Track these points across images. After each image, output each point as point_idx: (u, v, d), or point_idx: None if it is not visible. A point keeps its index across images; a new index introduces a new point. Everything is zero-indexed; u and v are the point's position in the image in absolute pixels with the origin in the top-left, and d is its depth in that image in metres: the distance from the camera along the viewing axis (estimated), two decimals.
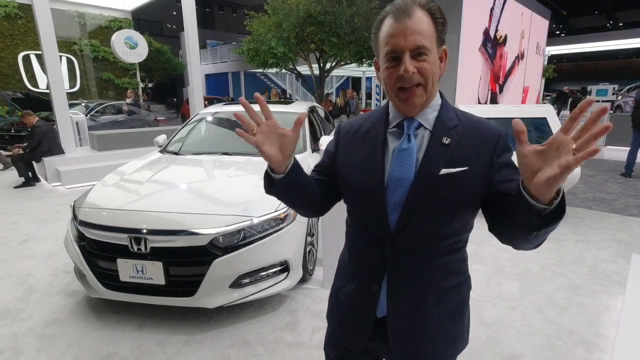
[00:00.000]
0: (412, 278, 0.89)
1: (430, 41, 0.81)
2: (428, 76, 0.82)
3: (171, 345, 2.15)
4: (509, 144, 0.87)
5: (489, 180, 0.83)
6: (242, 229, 2.23)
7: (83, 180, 5.99)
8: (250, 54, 11.05)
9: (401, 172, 0.86)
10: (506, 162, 0.85)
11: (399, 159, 0.87)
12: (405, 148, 0.87)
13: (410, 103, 0.85)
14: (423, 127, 0.88)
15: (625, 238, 3.58)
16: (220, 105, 4.37)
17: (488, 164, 0.84)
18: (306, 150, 3.35)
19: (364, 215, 0.93)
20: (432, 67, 0.82)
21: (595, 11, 25.13)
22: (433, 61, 0.82)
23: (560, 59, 25.75)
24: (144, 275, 2.16)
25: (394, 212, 0.86)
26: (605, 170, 6.51)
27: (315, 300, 2.60)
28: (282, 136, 0.88)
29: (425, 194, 0.84)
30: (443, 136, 0.86)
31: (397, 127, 0.90)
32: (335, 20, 9.41)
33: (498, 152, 0.85)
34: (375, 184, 0.88)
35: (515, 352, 2.07)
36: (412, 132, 0.88)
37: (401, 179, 0.86)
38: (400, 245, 0.87)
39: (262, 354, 2.08)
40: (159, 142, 3.75)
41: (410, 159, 0.86)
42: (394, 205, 0.86)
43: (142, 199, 2.43)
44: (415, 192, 0.84)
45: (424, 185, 0.83)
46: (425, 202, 0.84)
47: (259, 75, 24.22)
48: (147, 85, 21.06)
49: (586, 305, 2.51)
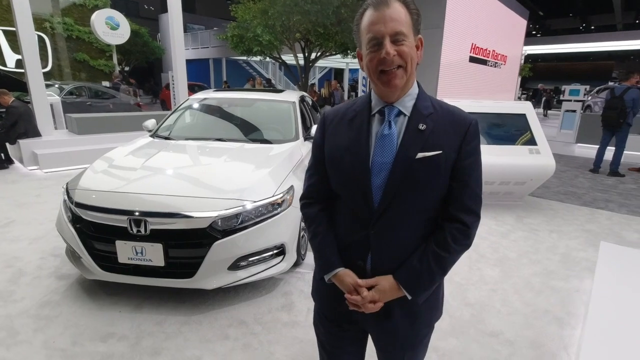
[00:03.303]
0: (394, 253, 0.98)
1: (407, 28, 0.88)
2: (407, 58, 0.89)
3: (170, 325, 2.19)
4: (478, 133, 0.97)
5: (454, 163, 0.93)
6: (240, 212, 2.28)
7: (62, 164, 5.81)
8: (234, 41, 10.85)
9: (383, 157, 0.93)
10: (472, 149, 0.95)
11: (380, 144, 0.94)
12: (386, 134, 0.94)
13: (392, 85, 0.90)
14: (403, 115, 0.95)
15: (594, 229, 3.86)
16: (210, 92, 4.35)
17: (457, 148, 0.93)
18: (299, 139, 3.40)
19: (350, 197, 0.99)
20: (410, 50, 0.89)
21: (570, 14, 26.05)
22: (411, 46, 0.89)
23: (535, 59, 26.61)
24: (144, 257, 2.18)
25: (377, 194, 0.94)
26: (576, 166, 6.89)
27: (308, 284, 2.69)
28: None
29: (404, 176, 0.92)
30: (419, 123, 0.93)
31: (378, 113, 0.97)
32: (322, 10, 9.36)
33: (468, 139, 0.94)
34: (361, 167, 0.94)
35: (497, 329, 2.24)
36: (392, 119, 0.95)
37: (383, 162, 0.93)
38: (383, 223, 0.95)
39: (260, 333, 2.16)
40: (149, 126, 3.70)
41: (391, 145, 0.93)
42: (377, 187, 0.94)
43: (140, 182, 2.43)
44: (395, 175, 0.92)
45: (403, 168, 0.91)
46: (405, 183, 0.92)
47: (241, 63, 23.81)
48: (124, 68, 20.32)
49: (559, 288, 2.73)
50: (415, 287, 0.96)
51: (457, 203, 0.95)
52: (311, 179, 1.10)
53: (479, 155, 0.97)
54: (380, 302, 0.97)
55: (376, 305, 0.97)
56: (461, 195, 0.95)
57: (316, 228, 1.07)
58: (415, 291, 0.97)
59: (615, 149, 6.08)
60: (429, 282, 0.97)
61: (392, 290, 0.97)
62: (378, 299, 0.96)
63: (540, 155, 4.11)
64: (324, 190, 1.07)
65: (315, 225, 1.08)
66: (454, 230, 0.95)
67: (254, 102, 3.94)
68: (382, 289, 0.96)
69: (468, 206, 0.96)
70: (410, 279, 0.96)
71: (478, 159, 0.97)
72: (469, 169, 0.95)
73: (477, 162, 0.97)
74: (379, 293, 0.96)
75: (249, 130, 3.53)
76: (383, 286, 0.96)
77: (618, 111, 5.85)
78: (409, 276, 0.96)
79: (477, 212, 0.98)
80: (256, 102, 3.95)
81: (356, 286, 0.98)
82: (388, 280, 0.97)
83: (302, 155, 3.17)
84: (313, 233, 1.07)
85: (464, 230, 0.96)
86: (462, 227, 0.96)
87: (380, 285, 0.97)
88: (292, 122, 3.58)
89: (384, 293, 0.97)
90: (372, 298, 0.96)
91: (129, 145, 3.19)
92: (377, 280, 0.97)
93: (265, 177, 2.56)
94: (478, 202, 0.98)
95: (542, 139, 4.25)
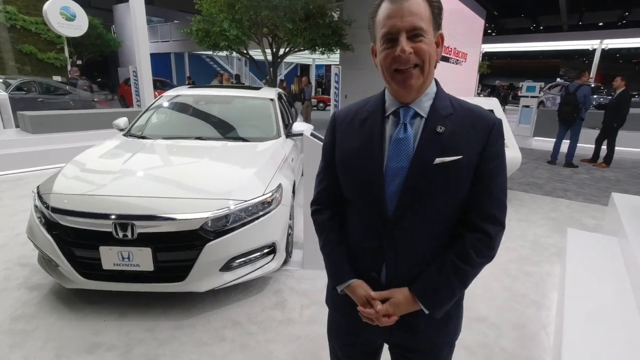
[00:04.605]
0: (410, 264, 0.91)
1: (427, 23, 0.81)
2: (425, 57, 0.81)
3: (162, 331, 2.12)
4: (503, 134, 0.89)
5: (477, 167, 0.86)
6: (231, 213, 2.23)
7: (14, 166, 5.37)
8: (200, 35, 10.51)
9: (398, 162, 0.86)
10: (496, 152, 0.87)
11: (395, 148, 0.87)
12: (401, 138, 0.87)
13: (407, 85, 0.83)
14: (419, 116, 0.88)
15: (557, 216, 4.16)
16: (185, 88, 4.20)
17: (480, 152, 0.86)
18: (280, 137, 3.37)
19: (362, 204, 0.93)
20: (429, 48, 0.82)
21: (521, 14, 27.59)
22: (430, 43, 0.82)
23: (492, 56, 27.99)
24: (131, 262, 2.09)
25: (392, 201, 0.87)
26: (535, 158, 7.36)
27: (298, 281, 2.70)
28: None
29: (420, 183, 0.84)
30: (437, 125, 0.86)
31: (393, 114, 0.90)
32: (290, 6, 9.30)
33: (492, 142, 0.86)
34: (374, 173, 0.88)
35: (483, 314, 2.37)
36: (408, 121, 0.87)
37: (398, 168, 0.86)
38: (397, 233, 0.89)
39: (257, 332, 2.14)
40: (120, 125, 3.53)
41: (407, 149, 0.86)
42: (392, 194, 0.87)
43: (123, 183, 2.31)
44: (411, 181, 0.85)
45: (419, 174, 0.84)
46: (422, 190, 0.85)
47: (204, 58, 23.10)
48: (76, 62, 19.02)
49: (533, 273, 2.92)
50: (432, 301, 0.90)
51: (480, 211, 0.88)
52: (321, 183, 1.04)
53: (503, 159, 0.89)
54: (395, 316, 0.91)
55: (390, 319, 0.91)
56: (484, 202, 0.88)
57: (327, 236, 1.02)
58: (433, 305, 0.90)
59: (570, 142, 6.56)
60: (447, 296, 0.91)
61: (408, 303, 0.90)
62: (392, 313, 0.91)
63: (508, 149, 4.35)
64: (335, 196, 1.01)
65: (326, 233, 1.02)
66: (476, 241, 0.88)
67: (232, 100, 3.85)
68: (397, 302, 0.91)
69: (491, 214, 0.88)
70: (427, 292, 0.90)
71: (503, 163, 0.89)
72: (493, 173, 0.87)
73: (502, 166, 0.89)
74: (393, 306, 0.91)
75: (229, 128, 3.45)
76: (398, 299, 0.91)
77: (572, 106, 6.32)
78: (426, 289, 0.90)
79: (501, 221, 0.90)
80: (235, 100, 3.87)
81: (369, 299, 0.92)
82: (403, 292, 0.91)
83: (285, 153, 3.15)
84: (324, 241, 1.03)
85: (487, 241, 0.88)
86: (485, 237, 0.88)
87: (395, 298, 0.91)
88: (272, 120, 3.54)
89: (398, 306, 0.91)
90: (386, 312, 0.90)
91: (101, 146, 3.01)
92: (392, 293, 0.91)
93: (253, 176, 2.52)
94: (503, 210, 0.90)
95: (509, 133, 4.50)
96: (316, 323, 2.24)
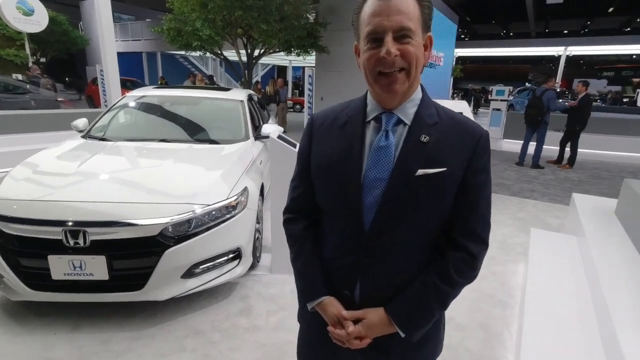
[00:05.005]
0: (386, 283, 0.85)
1: (416, 24, 0.75)
2: (412, 60, 0.76)
3: (118, 343, 2.01)
4: (489, 147, 0.84)
5: (461, 181, 0.81)
6: (193, 217, 2.15)
7: None
8: (171, 34, 10.24)
9: (377, 172, 0.80)
10: (482, 167, 0.82)
11: (375, 156, 0.81)
12: (382, 146, 0.80)
13: (391, 90, 0.78)
14: (403, 123, 0.82)
15: (523, 216, 4.27)
16: (150, 89, 4.05)
17: (465, 165, 0.80)
18: (249, 139, 3.30)
19: (337, 215, 0.87)
20: (416, 51, 0.76)
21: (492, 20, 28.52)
22: (418, 45, 0.76)
23: (465, 61, 28.80)
24: (83, 271, 1.97)
25: (369, 214, 0.81)
26: (503, 160, 7.59)
27: (265, 286, 2.64)
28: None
29: (401, 196, 0.79)
30: (421, 134, 0.80)
31: (374, 120, 0.84)
32: (264, 6, 9.20)
33: (478, 155, 0.81)
34: (352, 183, 0.81)
35: (451, 315, 2.38)
36: (390, 128, 0.81)
37: (377, 178, 0.80)
38: (374, 247, 0.83)
39: (220, 341, 2.07)
40: (79, 126, 3.34)
41: (387, 158, 0.80)
42: (369, 206, 0.81)
43: (76, 188, 2.18)
44: (390, 193, 0.79)
45: (400, 186, 0.79)
46: (402, 204, 0.79)
47: (178, 58, 22.57)
48: (39, 59, 18.08)
49: (499, 272, 2.97)
50: (409, 324, 0.84)
51: (463, 228, 0.83)
52: (296, 190, 0.97)
53: (489, 174, 0.84)
54: (368, 339, 0.85)
55: (363, 342, 0.85)
56: (467, 219, 0.83)
57: (299, 248, 0.95)
58: (410, 328, 0.84)
59: (536, 144, 6.79)
60: (426, 319, 0.85)
61: (383, 325, 0.84)
62: (365, 335, 0.84)
63: None
64: (310, 205, 0.93)
65: (298, 245, 0.95)
66: (458, 260, 0.83)
67: (200, 101, 3.75)
68: (371, 323, 0.84)
69: (475, 232, 0.83)
70: (404, 314, 0.83)
71: (488, 178, 0.84)
72: (478, 189, 0.82)
73: (487, 181, 0.84)
74: (366, 328, 0.84)
75: (195, 130, 3.35)
76: (372, 320, 0.84)
77: (537, 110, 6.55)
78: (403, 311, 0.83)
79: (485, 239, 0.85)
80: (202, 101, 3.76)
81: (341, 318, 0.86)
82: (378, 313, 0.84)
83: (253, 155, 3.08)
84: (296, 253, 0.96)
85: (470, 261, 0.83)
86: (467, 256, 0.83)
87: (369, 319, 0.84)
88: (241, 122, 3.46)
89: (372, 328, 0.84)
90: (358, 334, 0.84)
91: (57, 148, 2.85)
92: (366, 313, 0.85)
93: (217, 179, 2.44)
94: (486, 227, 0.85)
95: None
96: (282, 329, 2.19)
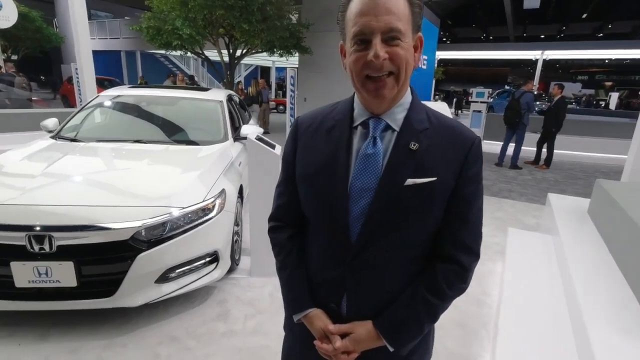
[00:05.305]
0: (374, 296, 0.83)
1: (405, 24, 0.71)
2: (401, 63, 0.72)
3: (87, 352, 1.93)
4: (481, 154, 0.81)
5: (453, 190, 0.78)
6: (167, 220, 2.09)
7: None
8: (150, 33, 10.02)
9: (364, 181, 0.77)
10: (474, 175, 0.79)
11: (362, 165, 0.77)
12: (370, 153, 0.77)
13: (379, 95, 0.74)
14: (391, 129, 0.78)
15: (502, 216, 4.35)
16: (125, 88, 3.94)
17: (457, 174, 0.77)
18: (228, 140, 3.25)
19: (323, 226, 0.84)
20: (406, 53, 0.72)
21: (472, 24, 29.11)
22: (407, 48, 0.72)
23: (446, 63, 29.29)
24: (49, 278, 1.88)
25: (356, 225, 0.78)
26: (484, 160, 7.71)
27: (244, 289, 2.59)
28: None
29: (389, 206, 0.75)
30: (411, 140, 0.76)
31: (362, 125, 0.80)
32: (246, 6, 9.12)
33: (469, 163, 0.77)
34: (337, 192, 0.78)
35: None
36: (378, 135, 0.78)
37: (364, 188, 0.77)
38: (361, 260, 0.80)
39: (195, 348, 2.01)
40: (49, 126, 3.21)
41: (375, 166, 0.76)
42: (356, 217, 0.77)
43: (41, 191, 2.09)
44: (378, 204, 0.76)
45: (388, 196, 0.75)
46: (390, 214, 0.76)
47: (159, 57, 22.15)
48: (10, 56, 17.34)
49: (476, 271, 2.93)
50: (398, 338, 0.81)
51: (454, 240, 0.80)
52: (281, 197, 0.92)
53: (480, 183, 0.81)
54: (355, 353, 0.83)
55: (350, 357, 0.82)
56: (458, 230, 0.80)
57: (285, 258, 0.92)
58: (399, 342, 0.81)
59: (515, 145, 6.95)
60: (415, 332, 0.82)
61: (371, 339, 0.82)
62: (353, 350, 0.82)
63: None
64: (296, 212, 0.90)
65: (284, 255, 0.92)
66: (448, 273, 0.80)
67: (177, 101, 3.66)
68: (358, 338, 0.81)
69: (466, 244, 0.81)
70: (392, 328, 0.81)
71: (479, 187, 0.81)
72: (469, 199, 0.79)
73: (479, 190, 0.81)
74: (354, 343, 0.81)
75: (172, 131, 3.27)
76: (359, 334, 0.81)
77: (515, 112, 6.71)
78: (391, 325, 0.81)
79: (476, 250, 0.83)
80: (180, 101, 3.68)
81: (328, 333, 0.83)
82: (366, 327, 0.82)
83: (232, 156, 3.03)
84: (281, 263, 0.92)
85: (460, 273, 0.81)
86: (458, 269, 0.80)
87: (356, 333, 0.82)
88: (220, 122, 3.40)
89: (359, 343, 0.82)
90: (345, 348, 0.81)
91: (24, 149, 2.73)
92: (353, 327, 0.82)
93: (194, 181, 2.38)
94: (478, 238, 0.83)
95: None
96: (260, 334, 2.15)
